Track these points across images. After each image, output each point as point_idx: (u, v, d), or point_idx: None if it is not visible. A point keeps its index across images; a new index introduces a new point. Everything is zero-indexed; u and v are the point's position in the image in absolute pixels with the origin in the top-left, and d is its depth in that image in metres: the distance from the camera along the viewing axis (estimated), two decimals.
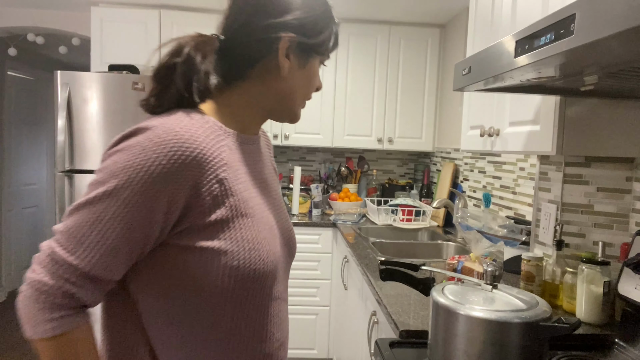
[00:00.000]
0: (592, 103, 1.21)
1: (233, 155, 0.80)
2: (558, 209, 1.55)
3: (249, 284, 0.77)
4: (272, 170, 0.97)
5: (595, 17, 0.61)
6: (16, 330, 3.70)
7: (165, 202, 0.70)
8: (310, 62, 0.87)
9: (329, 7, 0.88)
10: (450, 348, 0.99)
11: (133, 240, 0.70)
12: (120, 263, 0.71)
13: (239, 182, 0.79)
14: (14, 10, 3.49)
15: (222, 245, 0.74)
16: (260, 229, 0.80)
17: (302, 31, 0.82)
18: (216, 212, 0.75)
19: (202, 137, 0.74)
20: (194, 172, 0.72)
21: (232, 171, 0.78)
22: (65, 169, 2.59)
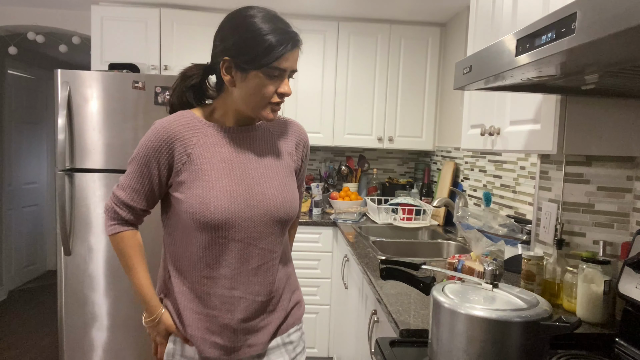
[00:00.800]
0: (593, 102, 1.21)
1: (206, 139, 1.19)
2: (559, 208, 1.55)
3: (204, 225, 1.15)
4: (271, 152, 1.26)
5: (596, 16, 0.61)
6: (17, 329, 3.70)
7: (155, 163, 1.18)
8: (250, 74, 1.12)
9: (259, 28, 1.11)
10: (450, 347, 0.99)
11: (143, 184, 1.20)
12: (141, 199, 1.21)
13: (204, 157, 1.18)
14: (14, 8, 3.49)
15: (183, 197, 1.17)
16: (211, 190, 1.15)
17: (235, 53, 1.12)
18: (183, 174, 1.18)
19: (177, 126, 1.18)
20: (168, 146, 1.17)
21: (199, 149, 1.18)
22: (65, 167, 2.59)
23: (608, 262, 1.34)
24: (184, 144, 1.17)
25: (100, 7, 3.08)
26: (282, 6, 3.08)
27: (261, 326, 1.26)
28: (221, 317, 1.21)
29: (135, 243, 1.24)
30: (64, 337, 2.68)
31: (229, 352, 1.24)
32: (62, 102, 2.56)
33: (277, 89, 1.15)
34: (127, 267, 1.24)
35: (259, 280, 1.23)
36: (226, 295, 1.20)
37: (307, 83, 3.26)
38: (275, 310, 1.29)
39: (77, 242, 2.66)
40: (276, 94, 1.15)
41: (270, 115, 1.17)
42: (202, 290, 1.21)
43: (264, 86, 1.13)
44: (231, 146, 1.21)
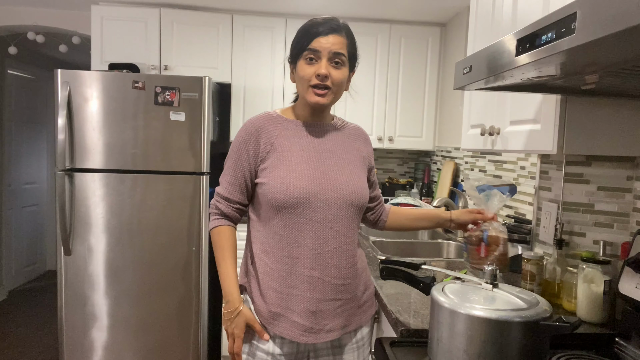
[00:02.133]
0: (593, 102, 1.21)
1: (287, 131, 1.35)
2: (559, 208, 1.55)
3: (284, 203, 1.28)
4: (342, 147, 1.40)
5: (596, 16, 0.61)
6: (17, 329, 3.70)
7: (245, 154, 1.34)
8: (297, 66, 1.34)
9: (300, 29, 1.35)
10: (450, 347, 0.99)
11: (237, 177, 1.35)
12: (236, 191, 1.36)
13: (285, 146, 1.33)
14: (14, 8, 3.49)
15: (266, 180, 1.31)
16: (292, 173, 1.29)
17: (290, 55, 1.39)
18: (268, 161, 1.33)
19: (262, 121, 1.36)
20: (255, 138, 1.34)
21: (281, 139, 1.34)
22: (65, 167, 2.59)
23: (608, 262, 1.34)
24: (268, 135, 1.34)
25: (100, 7, 3.08)
26: (282, 6, 3.08)
27: (338, 312, 1.32)
28: (301, 296, 1.29)
29: (230, 237, 1.37)
30: (64, 337, 2.68)
31: (309, 333, 1.29)
32: (62, 102, 2.56)
33: (315, 71, 1.28)
34: (218, 258, 1.36)
35: (335, 263, 1.31)
36: (306, 274, 1.29)
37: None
38: (352, 300, 1.35)
39: (77, 242, 2.66)
40: (315, 76, 1.28)
41: (314, 97, 1.30)
42: (284, 269, 1.30)
43: (304, 70, 1.30)
44: (308, 137, 1.37)
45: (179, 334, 2.74)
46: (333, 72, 1.30)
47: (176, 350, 2.75)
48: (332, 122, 1.44)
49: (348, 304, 1.34)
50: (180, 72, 3.09)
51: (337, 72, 1.31)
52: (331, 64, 1.30)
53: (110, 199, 2.66)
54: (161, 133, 2.65)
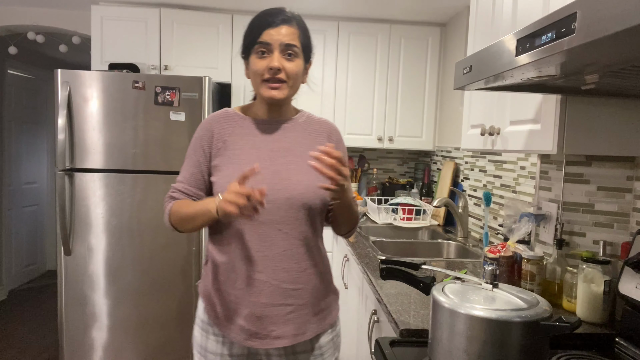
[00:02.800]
0: (593, 102, 1.21)
1: (241, 129, 1.32)
2: (559, 208, 1.55)
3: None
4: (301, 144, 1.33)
5: (596, 16, 0.61)
6: (17, 329, 3.70)
7: (200, 150, 1.32)
8: (250, 60, 1.29)
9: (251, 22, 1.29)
10: (450, 347, 0.99)
11: (193, 172, 1.32)
12: (191, 185, 1.32)
13: (237, 144, 1.30)
14: (14, 8, 3.49)
15: (216, 179, 1.30)
16: (239, 172, 1.17)
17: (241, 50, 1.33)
18: (218, 158, 1.30)
19: (217, 118, 1.34)
20: (209, 134, 1.32)
21: (234, 137, 1.31)
22: (65, 167, 2.59)
23: (608, 262, 1.34)
24: (221, 132, 1.31)
25: (100, 7, 3.08)
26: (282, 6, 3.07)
27: (288, 318, 1.27)
28: (247, 300, 1.25)
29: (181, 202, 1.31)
30: (64, 337, 2.68)
31: (254, 338, 1.26)
32: (62, 102, 2.56)
33: (268, 65, 1.23)
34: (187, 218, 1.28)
35: (284, 267, 1.26)
36: (252, 277, 1.24)
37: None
38: (305, 306, 1.29)
39: (77, 242, 2.66)
40: (268, 70, 1.23)
41: (268, 92, 1.25)
42: (232, 271, 1.27)
43: (255, 64, 1.25)
44: (262, 135, 1.32)
45: (179, 334, 2.74)
46: (286, 64, 1.25)
47: (176, 350, 2.75)
48: (293, 118, 1.37)
49: (301, 310, 1.28)
50: (180, 72, 3.09)
51: (290, 65, 1.26)
52: (284, 56, 1.25)
53: (110, 199, 2.66)
54: (161, 133, 2.65)
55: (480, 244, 2.43)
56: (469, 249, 2.35)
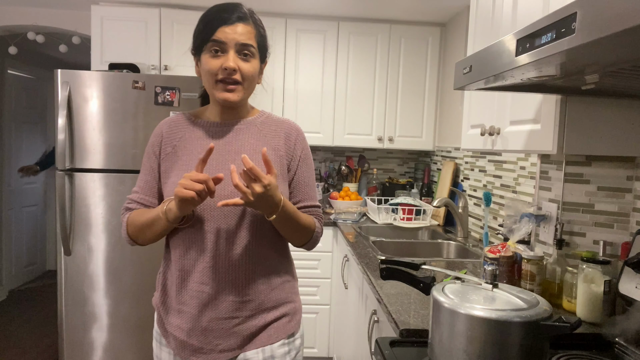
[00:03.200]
0: (593, 102, 1.21)
1: (192, 133, 1.26)
2: (559, 208, 1.55)
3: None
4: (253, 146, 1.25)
5: (596, 16, 0.61)
6: (17, 329, 3.70)
7: (153, 156, 1.27)
8: (202, 59, 1.20)
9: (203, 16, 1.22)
10: (450, 347, 0.99)
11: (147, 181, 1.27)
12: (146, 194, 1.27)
13: (186, 149, 1.24)
14: (14, 8, 3.49)
15: (163, 187, 1.25)
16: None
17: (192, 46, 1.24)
18: (165, 164, 1.25)
19: (168, 123, 1.29)
20: (159, 140, 1.27)
21: (184, 142, 1.25)
22: (65, 167, 2.59)
23: (608, 262, 1.34)
24: (170, 137, 1.26)
25: (100, 7, 3.08)
26: (282, 6, 3.08)
27: (235, 331, 1.20)
28: (190, 314, 1.19)
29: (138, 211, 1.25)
30: (64, 337, 2.68)
31: (199, 354, 1.20)
32: (62, 102, 2.56)
33: (221, 64, 1.16)
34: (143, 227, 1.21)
35: (231, 279, 1.19)
36: (196, 289, 1.18)
37: (307, 83, 3.26)
38: (254, 317, 1.22)
39: (77, 242, 2.66)
40: (222, 70, 1.16)
41: (223, 94, 1.18)
42: (177, 283, 1.21)
43: (208, 63, 1.17)
44: (213, 139, 1.24)
45: None
46: (242, 65, 1.17)
47: None
48: (249, 119, 1.29)
49: (248, 321, 1.21)
50: (180, 72, 3.09)
51: (246, 65, 1.18)
52: (239, 57, 1.17)
53: (110, 199, 2.66)
54: None
55: (480, 244, 2.43)
56: (469, 249, 2.35)
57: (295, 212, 1.21)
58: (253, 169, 1.02)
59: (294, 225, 1.21)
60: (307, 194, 1.30)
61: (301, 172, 1.30)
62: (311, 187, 1.32)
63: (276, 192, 1.10)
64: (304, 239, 1.27)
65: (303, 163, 1.30)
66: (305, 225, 1.24)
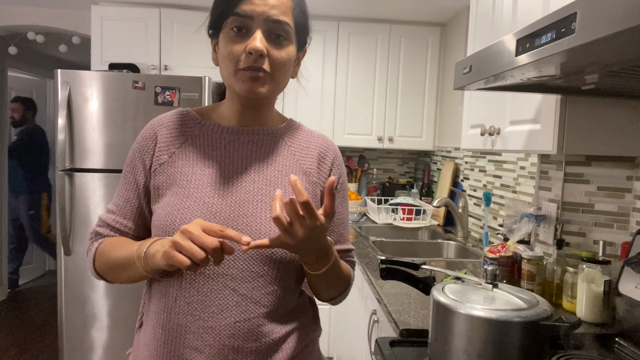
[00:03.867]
0: (593, 102, 1.21)
1: (197, 139, 0.95)
2: (558, 208, 1.55)
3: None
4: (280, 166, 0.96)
5: (596, 16, 0.61)
6: (17, 329, 3.70)
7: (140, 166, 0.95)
8: (221, 38, 0.91)
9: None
10: (450, 347, 0.99)
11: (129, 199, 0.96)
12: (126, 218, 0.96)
13: (188, 159, 0.93)
14: (14, 8, 3.49)
15: (155, 208, 0.92)
16: (184, 199, 0.88)
17: (209, 23, 0.95)
18: (159, 177, 0.92)
19: (166, 121, 0.96)
20: (152, 143, 0.95)
21: (185, 149, 0.94)
22: (65, 167, 2.59)
23: (608, 262, 1.34)
24: (169, 142, 0.94)
25: (100, 7, 3.08)
26: None
27: None
28: None
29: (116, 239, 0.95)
30: (64, 337, 2.68)
31: None
32: (62, 102, 2.56)
33: (246, 47, 0.86)
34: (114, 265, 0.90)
35: (235, 345, 0.86)
36: (187, 357, 0.87)
37: (307, 83, 3.25)
38: None
39: (77, 242, 2.66)
40: (247, 54, 0.86)
41: (245, 84, 0.87)
42: (158, 346, 0.90)
43: (228, 46, 0.88)
44: (227, 149, 0.94)
45: None
46: (272, 50, 0.87)
47: None
48: (275, 128, 0.99)
49: None
50: (180, 72, 3.09)
51: (278, 51, 0.88)
52: (269, 39, 0.87)
53: (110, 199, 2.65)
54: None
55: (480, 244, 2.43)
56: (469, 249, 2.35)
57: (341, 263, 0.95)
58: (309, 203, 0.75)
59: (335, 279, 0.94)
60: (341, 235, 1.03)
61: (337, 205, 1.00)
62: (346, 226, 1.05)
63: (326, 238, 0.85)
64: (336, 293, 1.01)
65: (339, 194, 1.01)
66: (345, 278, 0.99)
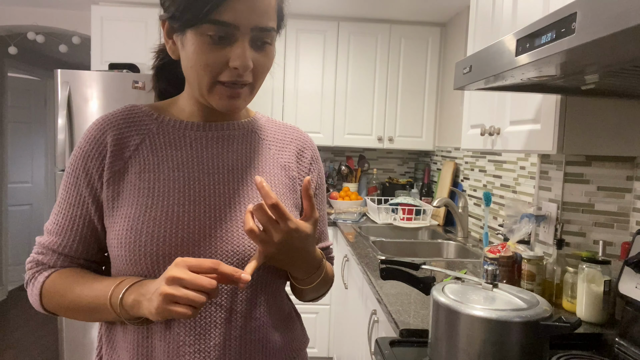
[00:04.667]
0: (593, 102, 1.21)
1: (156, 138, 0.82)
2: (558, 208, 1.55)
3: (132, 265, 0.75)
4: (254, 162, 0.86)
5: (596, 16, 0.61)
6: (17, 329, 3.70)
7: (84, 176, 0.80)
8: (187, 36, 0.74)
9: None
10: (450, 347, 0.99)
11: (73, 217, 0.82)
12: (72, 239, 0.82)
13: (147, 163, 0.80)
14: (15, 8, 3.49)
15: (108, 223, 0.79)
16: (149, 210, 0.76)
17: (172, 10, 0.75)
18: (113, 187, 0.79)
19: (115, 121, 0.82)
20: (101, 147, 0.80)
21: (143, 152, 0.81)
22: (65, 167, 2.59)
23: (608, 262, 1.34)
24: (122, 145, 0.80)
25: (100, 7, 3.08)
26: None
27: None
28: None
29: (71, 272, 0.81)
30: (64, 337, 2.68)
31: None
32: (62, 102, 2.56)
33: (227, 59, 0.74)
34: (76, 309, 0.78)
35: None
36: None
37: (307, 83, 3.26)
38: None
39: None
40: (231, 68, 0.74)
41: (223, 102, 0.77)
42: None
43: (205, 54, 0.73)
44: (192, 149, 0.82)
45: None
46: (257, 58, 0.77)
47: None
48: (246, 122, 0.89)
49: None
50: None
51: (262, 58, 0.78)
52: (254, 47, 0.76)
53: None
54: None
55: (480, 244, 2.43)
56: (469, 249, 2.35)
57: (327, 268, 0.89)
58: (278, 205, 0.69)
59: (321, 286, 0.88)
60: (322, 232, 0.97)
61: (317, 203, 0.94)
62: (325, 222, 0.98)
63: (314, 245, 0.78)
64: (318, 294, 0.93)
65: (319, 191, 0.95)
66: (329, 281, 0.92)
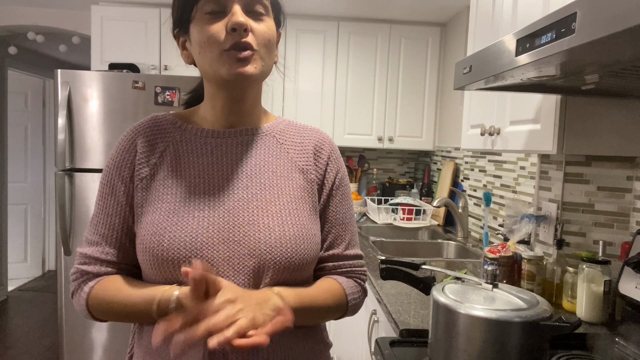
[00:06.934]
0: (593, 102, 1.21)
1: (179, 146, 0.86)
2: (558, 208, 1.55)
3: (156, 268, 0.78)
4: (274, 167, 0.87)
5: (596, 16, 0.61)
6: (17, 329, 3.70)
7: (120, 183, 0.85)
8: (192, 29, 0.85)
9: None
10: (450, 347, 0.99)
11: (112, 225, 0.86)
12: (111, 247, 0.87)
13: (171, 169, 0.84)
14: (14, 8, 3.49)
15: (137, 228, 0.82)
16: (171, 215, 0.80)
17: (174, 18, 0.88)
18: (140, 193, 0.83)
19: (142, 129, 0.87)
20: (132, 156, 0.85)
21: (167, 159, 0.85)
22: (65, 167, 2.59)
23: (608, 262, 1.34)
24: (149, 153, 0.85)
25: (100, 7, 3.08)
26: None
27: None
28: None
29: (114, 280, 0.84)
30: (64, 337, 2.68)
31: None
32: (62, 102, 2.56)
33: (226, 25, 0.78)
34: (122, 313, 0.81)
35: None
36: None
37: (307, 83, 3.26)
38: None
39: (77, 242, 2.66)
40: (230, 30, 0.78)
41: (233, 67, 0.79)
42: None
43: (207, 28, 0.80)
44: (213, 156, 0.85)
45: None
46: (254, 24, 0.80)
47: None
48: (266, 127, 0.91)
49: None
50: (180, 72, 3.08)
51: (260, 26, 0.81)
52: (249, 15, 0.80)
53: None
54: None
55: (480, 244, 2.43)
56: (469, 249, 2.35)
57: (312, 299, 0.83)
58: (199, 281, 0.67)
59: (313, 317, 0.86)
60: (342, 237, 0.91)
61: (335, 204, 0.91)
62: (348, 226, 0.93)
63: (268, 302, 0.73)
64: (332, 318, 0.90)
65: (338, 191, 0.92)
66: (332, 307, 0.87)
